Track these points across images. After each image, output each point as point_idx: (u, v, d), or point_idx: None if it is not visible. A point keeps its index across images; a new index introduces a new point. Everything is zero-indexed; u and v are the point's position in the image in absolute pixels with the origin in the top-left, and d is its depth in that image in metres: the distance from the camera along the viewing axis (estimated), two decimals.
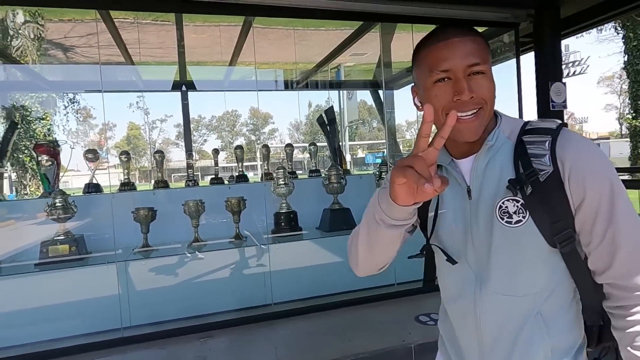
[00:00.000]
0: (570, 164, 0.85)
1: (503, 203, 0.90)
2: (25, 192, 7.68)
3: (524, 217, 0.88)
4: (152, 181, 4.56)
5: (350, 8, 3.44)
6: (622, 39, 12.50)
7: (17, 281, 3.19)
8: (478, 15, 3.77)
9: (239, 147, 4.77)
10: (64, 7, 3.11)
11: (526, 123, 0.95)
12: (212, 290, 3.46)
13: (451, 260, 0.99)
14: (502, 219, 0.90)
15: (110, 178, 4.10)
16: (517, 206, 0.89)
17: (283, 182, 3.98)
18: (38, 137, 7.67)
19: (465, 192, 0.96)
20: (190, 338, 3.06)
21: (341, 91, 9.11)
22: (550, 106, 3.70)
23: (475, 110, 0.88)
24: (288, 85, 7.57)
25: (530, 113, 4.81)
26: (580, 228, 0.87)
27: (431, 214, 1.04)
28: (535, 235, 0.88)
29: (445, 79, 0.88)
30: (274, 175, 4.11)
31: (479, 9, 3.66)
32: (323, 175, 4.67)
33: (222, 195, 3.99)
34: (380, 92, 6.91)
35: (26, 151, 7.49)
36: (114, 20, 4.13)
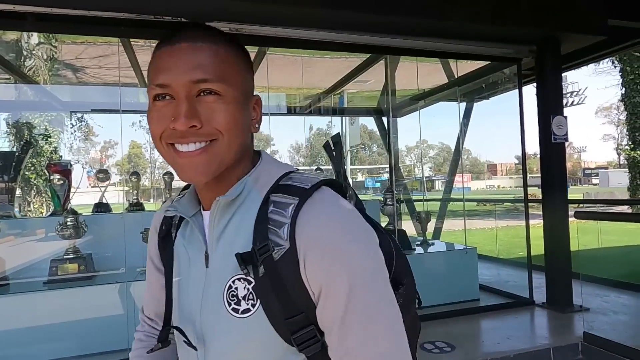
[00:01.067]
0: (305, 242, 0.62)
1: (233, 282, 0.66)
2: (29, 209, 7.73)
3: (253, 306, 0.64)
4: (152, 200, 4.63)
5: (360, 41, 3.59)
6: (620, 72, 12.82)
7: (26, 298, 3.22)
8: (482, 50, 3.94)
9: None
10: (86, 35, 3.24)
11: (287, 174, 0.70)
12: None
13: (190, 344, 0.71)
14: (230, 304, 0.66)
15: (118, 196, 4.17)
16: (248, 289, 0.65)
17: None
18: (45, 154, 7.80)
19: (203, 258, 0.72)
20: None
21: (344, 117, 9.29)
22: (552, 138, 3.81)
23: (202, 144, 0.64)
24: (290, 110, 7.74)
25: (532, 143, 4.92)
26: (323, 329, 0.64)
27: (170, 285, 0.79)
28: (267, 331, 0.64)
29: (167, 97, 0.64)
30: None
31: (483, 44, 3.82)
32: None
33: None
34: (384, 119, 7.07)
35: (32, 168, 7.60)
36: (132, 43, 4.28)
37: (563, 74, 4.31)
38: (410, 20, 3.32)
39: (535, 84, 4.25)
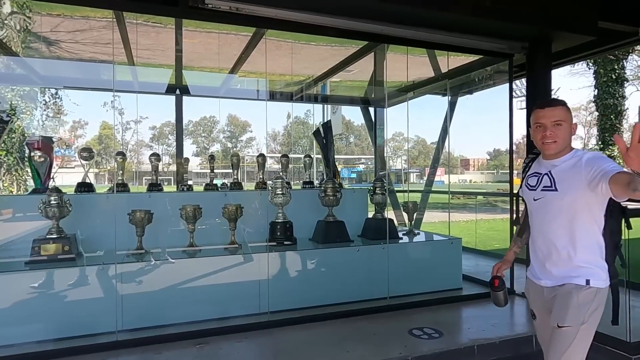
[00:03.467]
0: None
1: None
2: None
3: None
4: (135, 182, 4.49)
5: (358, 28, 3.57)
6: (593, 74, 13.28)
7: (6, 278, 3.08)
8: (476, 44, 3.99)
9: (235, 155, 4.78)
10: (81, 5, 3.08)
11: None
12: (208, 296, 3.44)
13: None
14: None
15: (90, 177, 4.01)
16: None
17: (281, 192, 4.03)
18: (17, 131, 7.44)
19: None
20: (186, 344, 3.04)
21: (326, 105, 9.26)
22: None
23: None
24: (272, 96, 7.65)
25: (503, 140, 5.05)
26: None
27: None
28: None
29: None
30: (271, 184, 4.15)
31: (478, 38, 3.87)
32: (317, 186, 4.75)
33: (218, 202, 4.00)
34: (371, 109, 7.09)
35: (2, 145, 7.23)
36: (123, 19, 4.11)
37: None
38: (412, 10, 3.33)
39: (510, 81, 4.35)
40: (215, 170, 5.14)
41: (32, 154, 3.85)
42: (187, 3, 3.01)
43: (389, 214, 5.27)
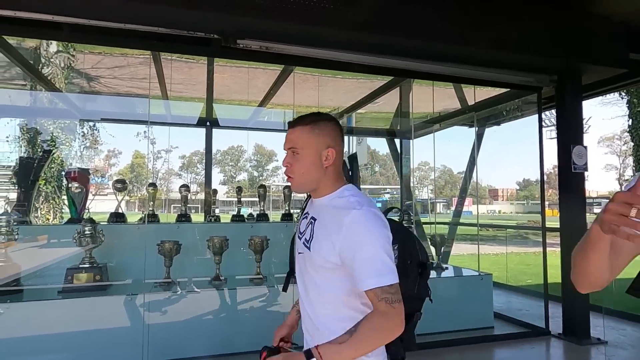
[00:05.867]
0: None
1: None
2: (36, 215, 7.70)
3: None
4: (164, 210, 4.59)
5: (383, 64, 3.64)
6: (627, 103, 12.93)
7: (39, 306, 3.17)
8: (503, 77, 3.99)
9: (262, 186, 4.86)
10: (121, 47, 3.28)
11: None
12: (234, 328, 3.43)
13: None
14: None
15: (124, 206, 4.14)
16: None
17: None
18: (56, 161, 7.82)
19: None
20: None
21: (351, 137, 9.33)
22: (572, 168, 3.83)
23: None
24: None
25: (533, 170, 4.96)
26: None
27: None
28: None
29: None
30: (298, 216, 4.17)
31: (504, 72, 3.87)
32: None
33: (245, 233, 4.04)
34: (397, 140, 7.10)
35: (42, 174, 7.60)
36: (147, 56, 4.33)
37: None
38: (436, 45, 3.38)
39: (539, 113, 4.29)
40: (242, 200, 5.22)
41: (70, 184, 4.02)
42: (219, 43, 3.16)
43: None
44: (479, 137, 6.09)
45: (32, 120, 7.75)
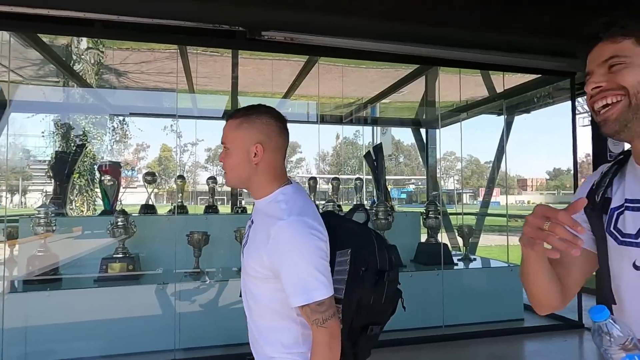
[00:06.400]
0: None
1: None
2: (71, 207, 8.00)
3: None
4: (191, 202, 4.69)
5: (410, 52, 3.57)
6: None
7: (76, 294, 3.31)
8: (534, 63, 3.85)
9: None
10: (149, 41, 3.34)
11: None
12: None
13: None
14: None
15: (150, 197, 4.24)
16: None
17: None
18: (88, 155, 8.09)
19: None
20: None
21: (375, 127, 9.26)
22: (607, 156, 3.68)
23: None
24: (322, 119, 7.78)
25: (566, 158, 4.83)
26: None
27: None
28: None
29: None
30: (322, 207, 4.18)
31: (536, 57, 3.73)
32: (368, 208, 4.72)
33: None
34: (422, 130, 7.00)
35: (76, 168, 7.89)
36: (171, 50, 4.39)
37: None
38: (465, 32, 3.29)
39: (572, 100, 4.14)
40: None
41: (102, 177, 4.15)
42: (244, 35, 3.17)
43: (442, 237, 5.12)
44: (508, 125, 5.92)
45: (65, 115, 8.01)
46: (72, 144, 7.54)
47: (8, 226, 3.72)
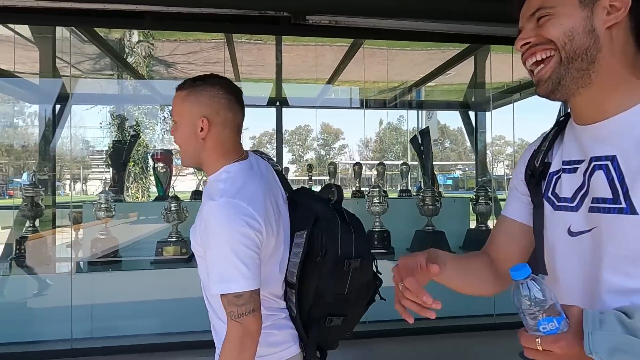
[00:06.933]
0: None
1: None
2: (127, 194, 8.47)
3: None
4: None
5: (461, 30, 3.42)
6: None
7: (134, 275, 3.51)
8: None
9: (332, 163, 4.88)
10: (197, 31, 3.41)
11: None
12: None
13: None
14: None
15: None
16: None
17: (378, 201, 4.00)
18: (142, 144, 8.51)
19: None
20: None
21: (420, 111, 9.01)
22: None
23: None
24: (364, 104, 7.67)
25: None
26: None
27: None
28: None
29: None
30: (368, 193, 4.15)
31: None
32: (414, 195, 4.64)
33: None
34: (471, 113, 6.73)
35: (131, 157, 8.33)
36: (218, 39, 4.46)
37: None
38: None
39: None
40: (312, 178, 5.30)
41: (156, 165, 4.34)
42: (288, 20, 3.16)
43: (493, 224, 4.94)
44: (566, 105, 5.56)
45: (120, 107, 8.45)
46: (127, 134, 7.96)
47: (73, 211, 3.98)
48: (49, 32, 4.22)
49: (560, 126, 0.83)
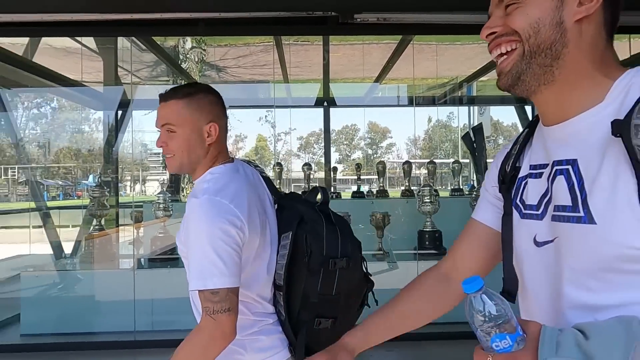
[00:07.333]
0: None
1: None
2: (183, 194, 8.87)
3: None
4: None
5: None
6: None
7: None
8: None
9: (381, 162, 4.84)
10: (248, 35, 3.51)
11: None
12: None
13: None
14: None
15: None
16: None
17: (429, 200, 3.91)
18: None
19: None
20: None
21: (472, 107, 8.70)
22: None
23: None
24: (412, 101, 7.52)
25: None
26: None
27: None
28: None
29: None
30: (418, 192, 4.07)
31: None
32: (467, 194, 4.49)
33: (365, 209, 4.07)
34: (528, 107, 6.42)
35: None
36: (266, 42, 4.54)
37: None
38: None
39: None
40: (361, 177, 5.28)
41: None
42: (336, 20, 3.16)
43: None
44: None
45: None
46: None
47: (134, 211, 4.23)
48: (111, 43, 4.51)
49: (531, 127, 0.76)
